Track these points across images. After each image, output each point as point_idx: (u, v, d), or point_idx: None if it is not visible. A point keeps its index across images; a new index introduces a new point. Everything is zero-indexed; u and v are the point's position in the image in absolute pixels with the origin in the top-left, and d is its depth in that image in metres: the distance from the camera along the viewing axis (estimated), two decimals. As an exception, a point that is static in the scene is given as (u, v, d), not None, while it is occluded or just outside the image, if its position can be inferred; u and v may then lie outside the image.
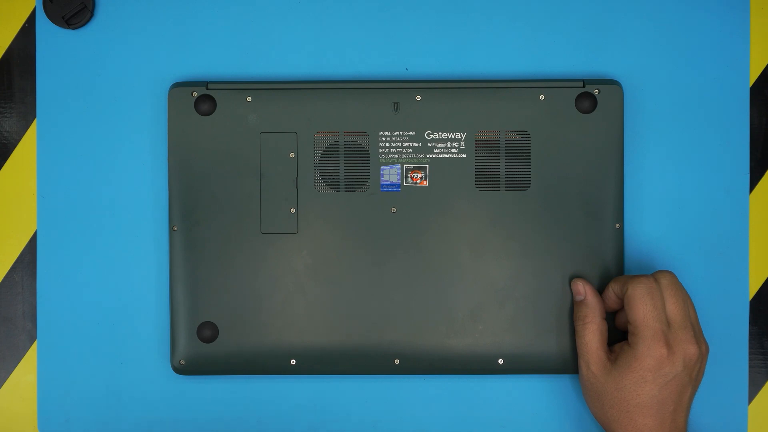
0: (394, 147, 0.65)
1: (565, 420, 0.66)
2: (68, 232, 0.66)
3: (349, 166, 0.65)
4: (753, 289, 0.67)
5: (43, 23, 0.66)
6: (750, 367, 0.66)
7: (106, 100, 0.66)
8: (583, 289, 0.63)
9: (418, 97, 0.64)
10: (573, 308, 0.64)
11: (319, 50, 0.66)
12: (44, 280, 0.66)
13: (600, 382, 0.61)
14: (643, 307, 0.59)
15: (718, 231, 0.66)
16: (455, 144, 0.65)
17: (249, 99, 0.64)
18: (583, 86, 0.64)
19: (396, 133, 0.65)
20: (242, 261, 0.64)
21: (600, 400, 0.61)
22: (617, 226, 0.64)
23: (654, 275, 0.61)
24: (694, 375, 0.60)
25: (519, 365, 0.65)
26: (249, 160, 0.64)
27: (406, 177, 0.65)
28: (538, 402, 0.66)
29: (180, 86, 0.64)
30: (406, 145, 0.65)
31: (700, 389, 0.64)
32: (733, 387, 0.66)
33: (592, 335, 0.62)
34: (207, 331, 0.64)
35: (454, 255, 0.65)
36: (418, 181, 0.65)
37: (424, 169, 0.65)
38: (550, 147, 0.64)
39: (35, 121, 0.67)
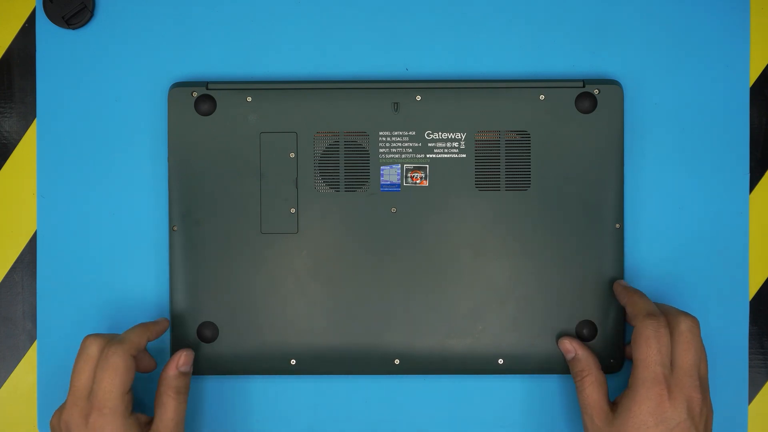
0: (394, 147, 0.65)
1: (565, 420, 0.66)
2: (68, 232, 0.66)
3: (349, 166, 0.65)
4: (753, 289, 0.67)
5: (43, 23, 0.66)
6: (750, 367, 0.66)
7: (106, 100, 0.66)
8: (572, 346, 0.63)
9: (418, 97, 0.64)
10: (568, 365, 0.64)
11: (319, 50, 0.66)
12: (44, 280, 0.66)
13: None
14: (647, 350, 0.58)
15: (718, 231, 0.66)
16: (455, 144, 0.65)
17: (249, 99, 0.64)
18: (583, 86, 0.64)
19: (396, 133, 0.65)
20: (242, 261, 0.64)
21: None
22: (617, 226, 0.64)
23: (675, 316, 0.59)
24: (702, 428, 0.58)
25: (519, 365, 0.65)
26: (249, 160, 0.64)
27: (406, 177, 0.65)
28: (538, 402, 0.66)
29: (180, 86, 0.64)
30: (406, 145, 0.65)
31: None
32: (733, 387, 0.66)
33: (592, 388, 0.61)
34: (207, 331, 0.64)
35: (454, 255, 0.65)
36: (418, 181, 0.65)
37: (424, 169, 0.65)
38: (550, 147, 0.64)
39: (35, 121, 0.67)
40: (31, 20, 0.67)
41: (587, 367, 0.62)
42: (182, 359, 0.62)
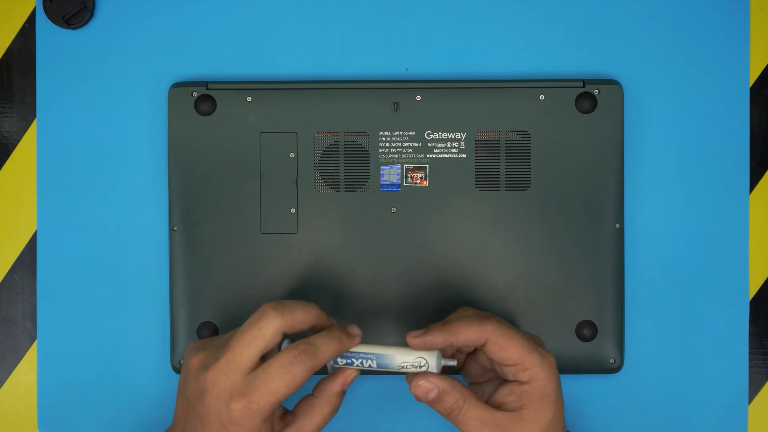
0: (394, 147, 0.65)
1: (566, 420, 0.66)
2: (68, 232, 0.66)
3: (349, 166, 0.65)
4: (753, 289, 0.67)
5: (43, 23, 0.66)
6: (750, 367, 0.66)
7: (106, 100, 0.66)
8: (430, 383, 0.55)
9: (418, 97, 0.64)
10: (435, 408, 0.56)
11: (319, 50, 0.66)
12: (44, 280, 0.66)
13: None
14: (513, 342, 0.55)
15: (718, 231, 0.66)
16: (455, 144, 0.65)
17: (249, 99, 0.64)
18: (583, 86, 0.64)
19: (396, 133, 0.65)
20: (242, 261, 0.64)
21: None
22: (617, 226, 0.64)
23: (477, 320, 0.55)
24: None
25: (519, 365, 0.65)
26: (249, 160, 0.64)
27: (406, 177, 0.65)
28: (538, 402, 0.66)
29: (180, 86, 0.64)
30: (406, 145, 0.65)
31: (700, 388, 0.65)
32: (733, 387, 0.66)
33: (473, 412, 0.55)
34: (207, 331, 0.64)
35: (454, 255, 0.64)
36: (418, 181, 0.65)
37: (424, 169, 0.65)
38: (550, 147, 0.64)
39: (35, 121, 0.67)
40: (31, 20, 0.67)
41: (460, 396, 0.55)
42: (349, 378, 0.56)
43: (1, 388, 0.67)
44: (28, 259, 0.67)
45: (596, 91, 0.64)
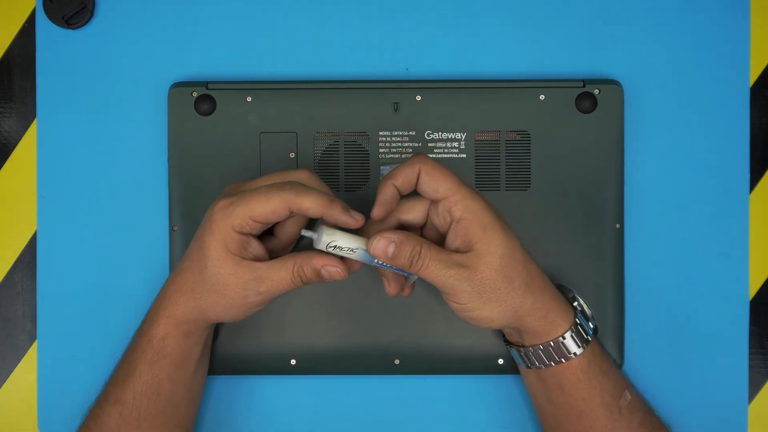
0: (394, 147, 0.65)
1: (565, 420, 0.66)
2: (68, 232, 0.66)
3: (349, 166, 0.65)
4: (753, 289, 0.67)
5: (43, 23, 0.66)
6: (750, 367, 0.66)
7: (106, 100, 0.66)
8: (386, 240, 0.55)
9: (418, 97, 0.64)
10: (395, 267, 0.56)
11: (319, 50, 0.66)
12: (44, 280, 0.66)
13: (486, 277, 0.55)
14: (443, 173, 0.55)
15: (718, 231, 0.66)
16: (455, 144, 0.65)
17: (249, 99, 0.64)
18: (583, 86, 0.64)
19: (396, 133, 0.65)
20: (242, 261, 0.64)
21: (499, 290, 0.56)
22: (617, 226, 0.64)
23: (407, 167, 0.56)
24: None
25: (519, 365, 0.65)
26: (249, 160, 0.64)
27: (406, 177, 0.65)
28: (538, 402, 0.66)
29: (180, 86, 0.64)
30: (406, 145, 0.65)
31: (700, 388, 0.65)
32: (733, 387, 0.66)
33: (434, 254, 0.55)
34: (207, 331, 0.64)
35: (454, 255, 0.64)
36: (418, 181, 0.65)
37: (424, 169, 0.65)
38: (550, 147, 0.64)
39: (35, 121, 0.67)
40: (31, 20, 0.67)
41: (417, 241, 0.55)
42: (334, 270, 0.56)
43: (1, 388, 0.67)
44: (28, 259, 0.67)
45: (596, 91, 0.64)
